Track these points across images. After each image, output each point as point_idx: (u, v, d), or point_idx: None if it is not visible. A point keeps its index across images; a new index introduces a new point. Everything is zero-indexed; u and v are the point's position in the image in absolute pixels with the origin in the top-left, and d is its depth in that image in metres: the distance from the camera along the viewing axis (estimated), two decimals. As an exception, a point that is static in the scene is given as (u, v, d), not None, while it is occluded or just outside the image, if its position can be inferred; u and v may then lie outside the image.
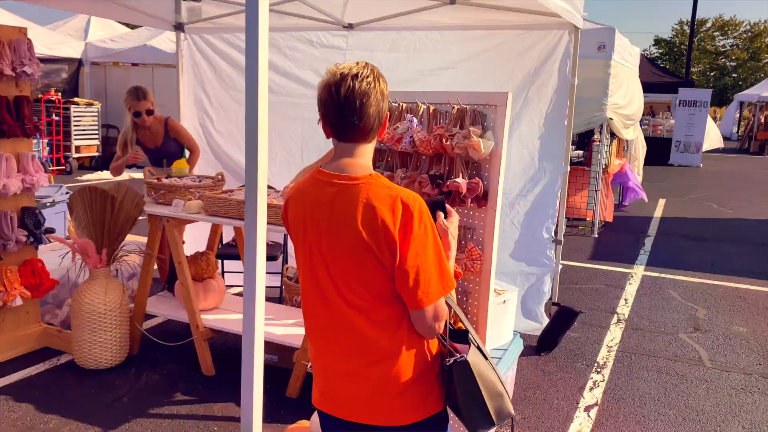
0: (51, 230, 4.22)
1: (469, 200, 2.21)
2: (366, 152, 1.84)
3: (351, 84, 1.74)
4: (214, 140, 5.84)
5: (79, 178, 12.09)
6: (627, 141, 10.46)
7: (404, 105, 2.48)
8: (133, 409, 3.59)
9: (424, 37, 4.93)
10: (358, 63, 1.84)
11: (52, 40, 13.53)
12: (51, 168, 12.25)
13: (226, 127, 5.89)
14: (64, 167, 12.67)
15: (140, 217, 4.17)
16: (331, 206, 1.77)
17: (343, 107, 1.74)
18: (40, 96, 12.47)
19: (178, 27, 5.66)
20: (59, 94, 12.94)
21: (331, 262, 1.78)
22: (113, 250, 4.04)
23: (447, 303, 1.79)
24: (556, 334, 4.66)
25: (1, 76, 3.80)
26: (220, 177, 4.32)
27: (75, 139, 12.86)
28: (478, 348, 1.84)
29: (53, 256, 4.42)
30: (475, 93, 2.29)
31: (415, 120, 2.31)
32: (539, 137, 4.52)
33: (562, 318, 4.65)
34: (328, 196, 1.78)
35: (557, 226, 4.65)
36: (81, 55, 14.29)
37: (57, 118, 12.44)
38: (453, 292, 1.82)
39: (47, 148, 12.29)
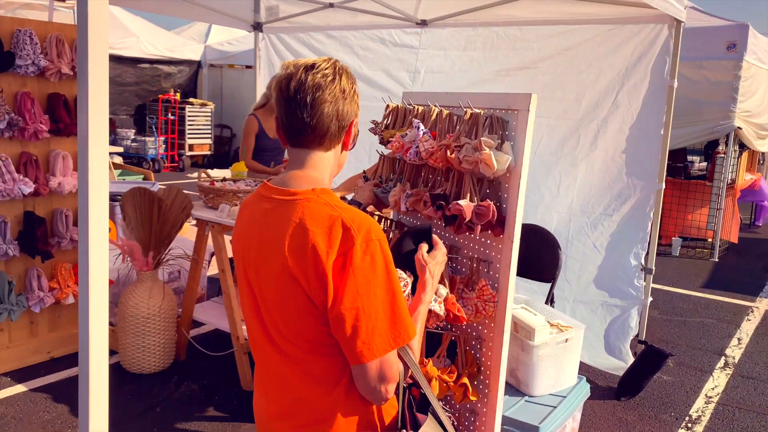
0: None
1: (479, 227, 1.77)
2: (321, 163, 1.49)
3: (302, 76, 1.43)
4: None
5: (189, 175, 12.61)
6: (762, 154, 9.21)
7: (420, 108, 2.08)
8: (161, 421, 3.45)
9: (501, 34, 4.46)
10: (322, 58, 1.51)
11: (174, 43, 14.24)
12: (165, 165, 12.88)
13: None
14: (177, 164, 13.28)
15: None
16: (261, 227, 1.44)
17: (291, 102, 1.43)
18: (159, 96, 13.16)
19: (257, 27, 5.57)
20: (178, 94, 13.59)
21: (260, 298, 1.45)
22: (160, 253, 3.95)
23: (403, 360, 1.39)
24: (641, 378, 4.01)
25: (60, 75, 3.81)
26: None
27: (189, 138, 13.44)
28: (439, 423, 1.42)
29: (110, 256, 4.42)
30: (496, 95, 1.85)
31: (422, 126, 1.91)
32: (629, 148, 3.90)
33: (648, 359, 3.99)
34: (261, 215, 1.46)
35: (648, 252, 4.00)
36: (200, 58, 14.96)
37: (173, 117, 13.07)
38: (413, 346, 1.42)
39: (163, 145, 12.93)
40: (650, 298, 4.08)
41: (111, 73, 13.70)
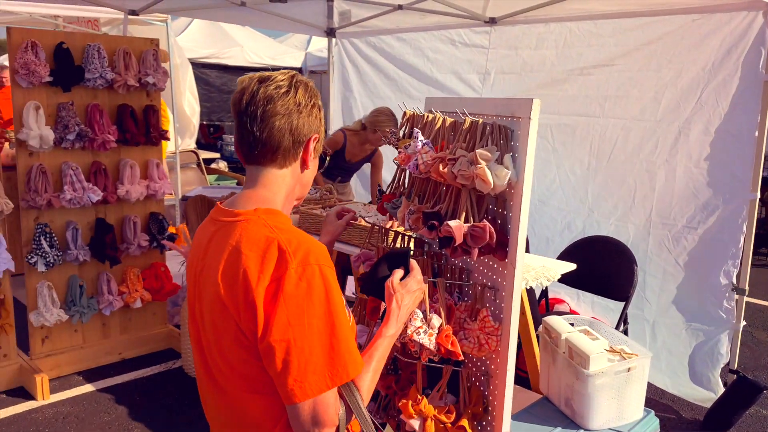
0: (172, 237, 4.33)
1: (475, 251, 1.56)
2: (274, 182, 1.38)
3: (255, 88, 1.35)
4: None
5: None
6: None
7: (429, 116, 1.89)
8: None
9: (575, 29, 4.12)
10: (281, 71, 1.43)
11: (276, 51, 14.69)
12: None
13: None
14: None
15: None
16: (204, 253, 1.36)
17: (242, 116, 1.35)
18: (259, 103, 13.59)
19: (330, 32, 5.56)
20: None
21: (201, 330, 1.35)
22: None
23: (346, 402, 1.24)
24: (732, 411, 3.54)
25: (128, 87, 3.95)
26: (327, 191, 4.04)
27: (286, 143, 13.78)
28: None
29: (177, 261, 4.55)
30: (502, 100, 1.63)
31: (421, 137, 1.73)
32: (716, 153, 3.45)
33: (741, 391, 3.51)
34: (206, 239, 1.37)
35: (740, 270, 3.52)
36: (302, 65, 15.33)
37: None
38: (361, 386, 1.26)
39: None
40: (743, 322, 3.59)
41: (217, 81, 14.41)
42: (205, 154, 10.64)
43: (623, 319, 3.59)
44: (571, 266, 3.11)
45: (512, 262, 1.59)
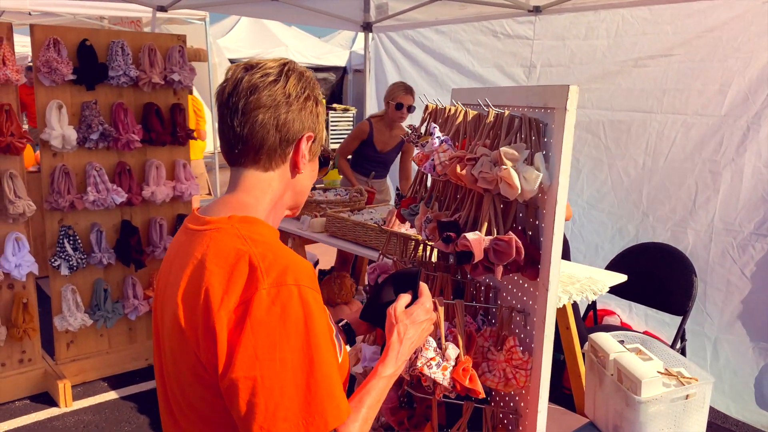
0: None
1: (500, 269, 1.30)
2: (257, 186, 1.17)
3: (239, 76, 1.15)
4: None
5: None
6: None
7: (452, 109, 1.63)
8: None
9: (628, 17, 3.77)
10: (274, 57, 1.21)
11: (321, 51, 14.61)
12: (307, 169, 13.23)
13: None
14: (321, 168, 13.61)
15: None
16: (170, 265, 1.16)
17: (223, 108, 1.15)
18: (304, 102, 13.53)
19: (366, 27, 5.34)
20: (323, 100, 13.91)
21: (162, 356, 1.16)
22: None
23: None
24: (807, 443, 3.15)
25: (153, 85, 3.81)
26: (358, 193, 3.81)
27: (331, 143, 13.68)
28: None
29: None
30: (534, 88, 1.36)
31: (438, 133, 1.48)
32: (789, 151, 3.07)
33: (817, 420, 3.12)
34: (175, 251, 1.18)
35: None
36: (346, 64, 15.20)
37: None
38: None
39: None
40: (820, 343, 3.19)
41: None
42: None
43: (681, 336, 3.24)
44: (621, 278, 2.80)
45: (545, 283, 1.32)
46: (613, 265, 3.43)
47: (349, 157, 4.56)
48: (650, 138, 3.80)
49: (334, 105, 13.89)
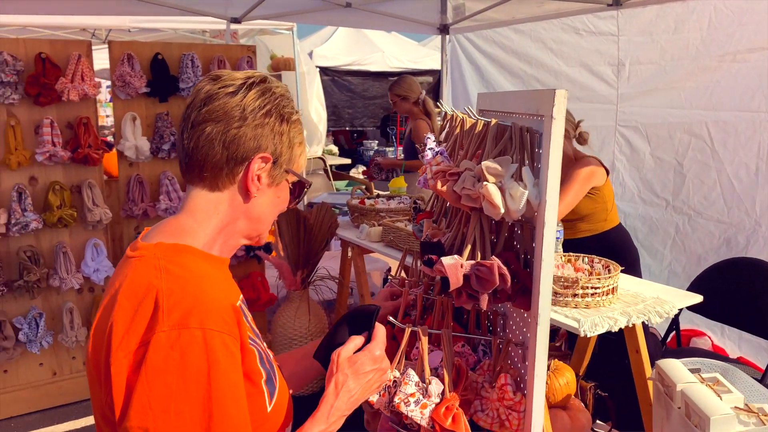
0: (268, 248, 4.23)
1: (485, 298, 1.15)
2: (202, 207, 1.09)
3: (200, 87, 1.10)
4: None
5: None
6: None
7: (458, 117, 1.48)
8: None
9: (721, 6, 3.38)
10: (251, 71, 1.14)
11: (417, 54, 14.57)
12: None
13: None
14: (417, 173, 13.59)
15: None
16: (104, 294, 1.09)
17: (181, 120, 1.11)
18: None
19: (443, 29, 5.20)
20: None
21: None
22: (307, 273, 3.81)
23: None
24: None
25: (222, 95, 3.90)
26: (420, 199, 3.68)
27: (423, 147, 13.62)
28: None
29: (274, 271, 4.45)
30: (530, 93, 1.19)
31: (431, 143, 1.34)
32: None
33: None
34: (111, 278, 1.11)
35: None
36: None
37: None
38: None
39: (401, 154, 13.30)
40: None
41: (358, 87, 14.56)
42: (339, 161, 10.75)
43: (776, 365, 2.85)
44: (695, 298, 2.50)
45: (534, 316, 1.15)
46: (698, 282, 3.08)
47: None
48: (762, 140, 3.41)
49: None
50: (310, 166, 7.52)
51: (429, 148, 1.31)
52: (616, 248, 3.15)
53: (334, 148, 11.91)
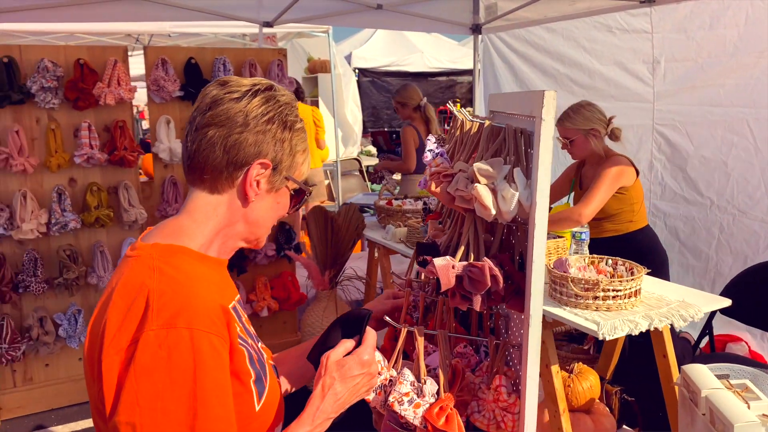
0: (298, 248, 4.29)
1: (478, 299, 1.15)
2: (202, 209, 1.12)
3: (208, 91, 1.13)
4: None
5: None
6: None
7: (463, 119, 1.48)
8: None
9: (759, 3, 3.28)
10: (259, 79, 1.17)
11: (457, 54, 14.50)
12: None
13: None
14: (454, 173, 13.49)
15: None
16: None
17: (187, 123, 1.15)
18: (438, 108, 13.50)
19: (475, 29, 5.17)
20: (458, 104, 13.79)
21: None
22: (335, 273, 3.85)
23: None
24: None
25: (253, 98, 3.97)
26: (447, 201, 3.69)
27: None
28: None
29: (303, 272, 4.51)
30: (525, 94, 1.19)
31: (432, 145, 1.34)
32: None
33: None
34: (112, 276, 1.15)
35: None
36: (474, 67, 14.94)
37: (448, 127, 13.32)
38: None
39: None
40: None
41: (397, 88, 14.58)
42: (377, 162, 10.77)
43: (813, 372, 2.74)
44: (723, 302, 2.43)
45: (527, 317, 1.14)
46: (733, 286, 3.00)
47: None
48: (809, 138, 3.31)
49: (468, 109, 13.67)
50: (346, 167, 7.58)
51: (428, 150, 1.32)
52: (643, 250, 3.08)
53: (373, 149, 11.96)
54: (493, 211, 1.10)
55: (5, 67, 3.33)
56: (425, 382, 1.23)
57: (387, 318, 1.28)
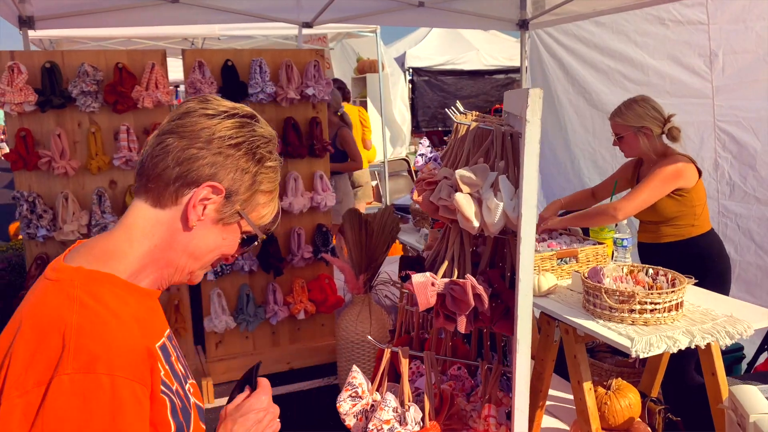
0: (334, 251, 4.23)
1: (462, 320, 1.04)
2: (138, 224, 1.02)
3: (186, 102, 1.06)
4: (570, 152, 4.95)
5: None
6: None
7: (462, 120, 1.36)
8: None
9: (825, -13, 2.99)
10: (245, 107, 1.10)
11: (514, 52, 14.14)
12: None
13: (583, 138, 4.92)
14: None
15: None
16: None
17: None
18: (493, 106, 13.23)
19: (522, 25, 4.99)
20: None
21: None
22: (369, 276, 3.77)
23: None
24: None
25: (289, 100, 3.94)
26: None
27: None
28: None
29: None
30: (513, 93, 1.07)
31: (425, 149, 1.23)
32: None
33: None
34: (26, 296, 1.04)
35: None
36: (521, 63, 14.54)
37: (505, 126, 13.03)
38: None
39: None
40: None
41: (452, 87, 14.38)
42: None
43: None
44: (776, 318, 2.21)
45: (515, 341, 1.02)
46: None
47: None
48: None
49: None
50: (393, 168, 7.50)
51: (420, 154, 1.22)
52: (704, 256, 2.86)
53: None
54: (476, 224, 0.99)
55: (48, 72, 3.42)
56: (408, 408, 1.13)
57: (369, 337, 1.19)
